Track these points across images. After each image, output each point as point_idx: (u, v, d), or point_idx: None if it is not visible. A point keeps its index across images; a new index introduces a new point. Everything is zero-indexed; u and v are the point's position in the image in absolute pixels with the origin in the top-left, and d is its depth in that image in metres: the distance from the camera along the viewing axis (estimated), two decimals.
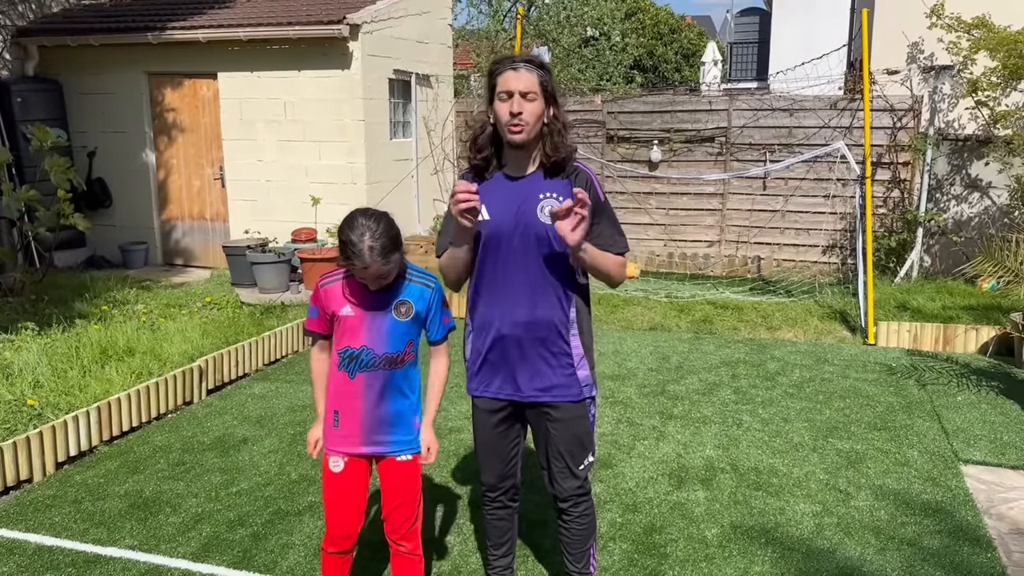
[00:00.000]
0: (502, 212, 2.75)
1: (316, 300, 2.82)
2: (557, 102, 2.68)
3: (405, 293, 2.77)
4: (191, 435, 5.07)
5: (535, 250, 2.72)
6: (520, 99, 2.65)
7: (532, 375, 2.80)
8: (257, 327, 7.14)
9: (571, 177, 2.72)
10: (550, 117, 2.67)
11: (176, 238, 10.20)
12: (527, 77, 2.64)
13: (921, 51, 9.38)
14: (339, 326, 2.76)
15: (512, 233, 2.73)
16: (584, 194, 2.47)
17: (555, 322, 2.77)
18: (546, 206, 2.70)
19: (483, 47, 13.39)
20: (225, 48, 9.30)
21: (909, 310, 7.74)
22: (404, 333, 2.77)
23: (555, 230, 2.68)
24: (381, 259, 2.57)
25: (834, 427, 5.12)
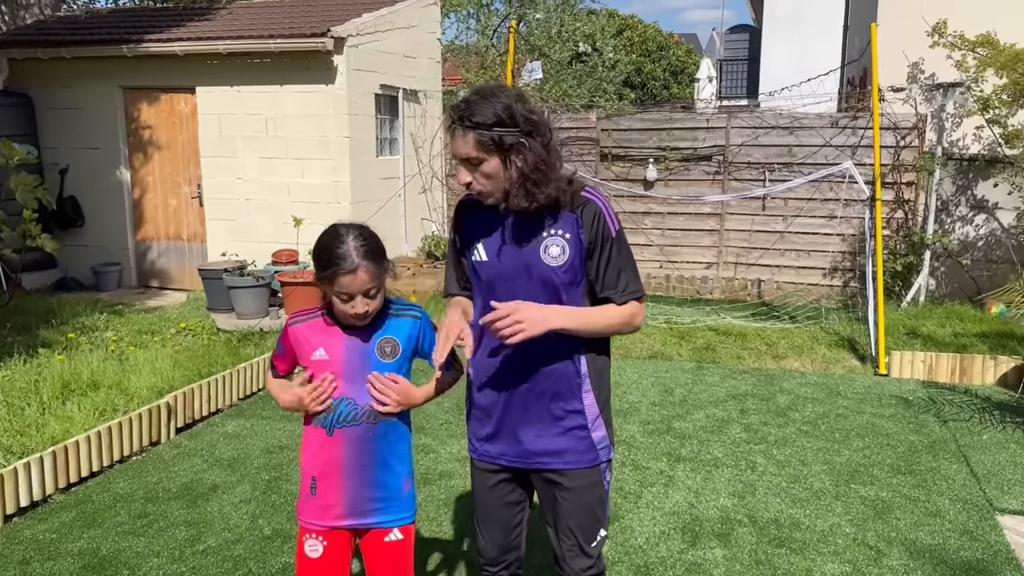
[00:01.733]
0: (503, 252, 2.37)
1: (284, 339, 2.45)
2: (524, 145, 2.21)
3: (389, 330, 2.39)
4: (156, 481, 4.63)
5: (541, 295, 2.34)
6: (465, 167, 2.28)
7: (540, 438, 2.41)
8: (233, 357, 6.71)
9: (578, 210, 2.33)
10: (513, 169, 2.23)
11: (151, 259, 9.76)
12: (461, 141, 2.24)
13: (922, 70, 9.09)
14: (313, 370, 2.37)
15: (514, 275, 2.35)
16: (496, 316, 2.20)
17: (564, 376, 2.38)
18: (551, 245, 2.32)
19: (472, 62, 13.06)
20: (204, 61, 8.90)
21: (920, 337, 7.40)
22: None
23: (562, 272, 2.31)
24: (370, 261, 2.24)
25: (855, 470, 4.74)
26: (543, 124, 2.28)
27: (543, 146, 2.26)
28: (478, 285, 2.44)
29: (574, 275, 2.34)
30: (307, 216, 8.56)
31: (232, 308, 7.92)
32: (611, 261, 2.35)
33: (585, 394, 2.41)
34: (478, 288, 2.45)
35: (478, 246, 2.41)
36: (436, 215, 10.41)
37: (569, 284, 2.34)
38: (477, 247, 2.41)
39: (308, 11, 9.58)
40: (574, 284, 2.35)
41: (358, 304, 2.27)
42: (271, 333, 7.54)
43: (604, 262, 2.34)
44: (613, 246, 2.35)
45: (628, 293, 2.37)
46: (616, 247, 2.36)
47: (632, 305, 2.39)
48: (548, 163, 2.25)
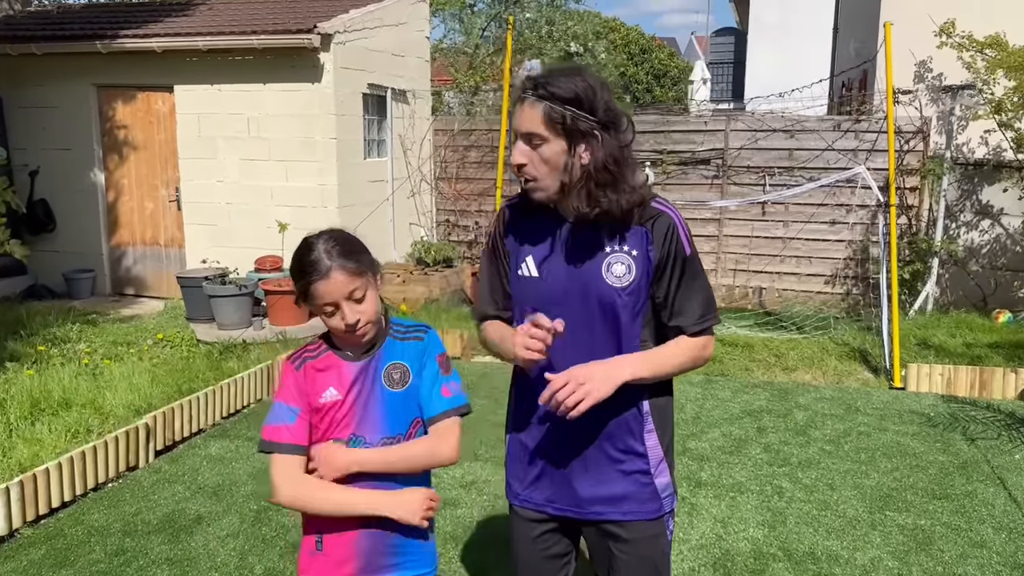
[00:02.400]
0: (554, 267, 2.03)
1: (289, 392, 2.01)
2: (597, 138, 1.89)
3: (395, 354, 2.05)
4: (135, 512, 4.23)
5: (599, 319, 2.00)
6: (523, 144, 1.94)
7: (595, 483, 2.07)
8: (214, 371, 6.32)
9: (647, 224, 2.00)
10: (578, 160, 1.91)
11: (127, 265, 9.31)
12: (528, 113, 1.91)
13: (930, 68, 8.87)
14: (318, 419, 2.01)
15: (567, 296, 2.01)
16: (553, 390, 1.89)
17: (624, 414, 2.05)
18: (615, 263, 1.98)
19: (461, 62, 12.71)
20: (182, 58, 8.49)
21: (932, 348, 7.14)
22: (403, 408, 2.03)
23: (626, 295, 1.97)
24: (344, 259, 1.93)
25: (888, 495, 4.43)
26: (625, 120, 1.95)
27: (619, 146, 1.93)
28: (520, 306, 2.10)
29: (638, 298, 2.00)
30: (292, 220, 8.19)
31: (213, 318, 7.51)
32: (684, 284, 2.02)
33: (647, 435, 2.08)
34: (519, 311, 2.11)
35: (526, 259, 2.06)
36: (425, 220, 10.05)
37: (631, 309, 2.00)
38: (525, 260, 2.07)
39: (293, 6, 9.19)
40: (636, 309, 2.01)
41: (347, 312, 1.93)
42: (254, 345, 7.15)
43: (675, 285, 2.01)
44: (687, 267, 2.02)
45: (702, 322, 2.04)
46: (690, 268, 2.03)
47: (704, 337, 2.06)
48: (621, 165, 1.92)
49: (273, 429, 2.00)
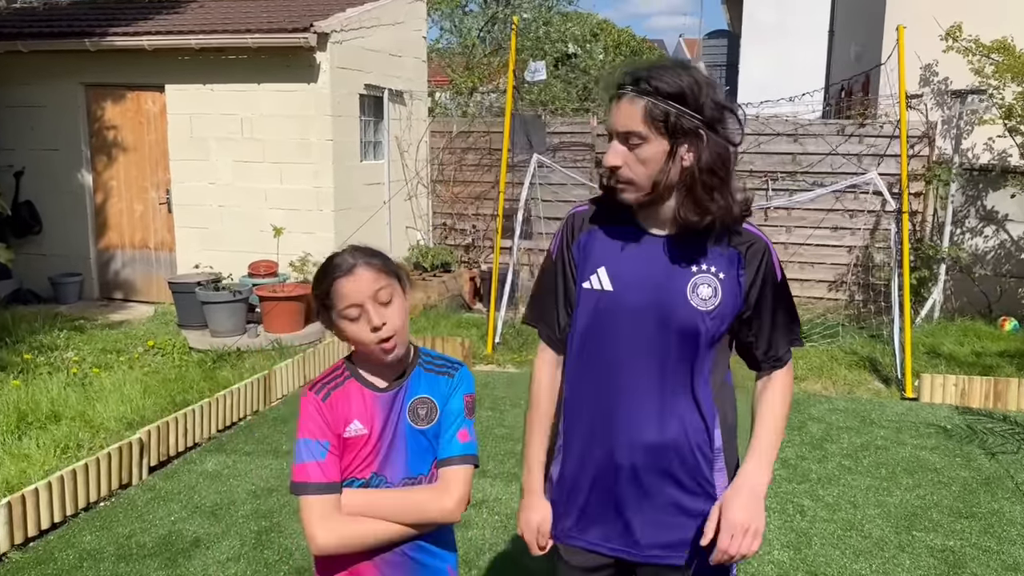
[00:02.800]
0: (632, 281, 1.85)
1: (316, 425, 1.81)
2: (702, 138, 1.74)
3: (421, 387, 1.87)
4: (128, 534, 4.03)
5: (675, 344, 1.83)
6: (618, 144, 1.77)
7: (656, 525, 1.89)
8: (209, 381, 6.11)
9: (741, 247, 1.84)
10: (679, 163, 1.75)
11: (115, 269, 9.07)
12: (626, 109, 1.75)
13: (935, 74, 8.76)
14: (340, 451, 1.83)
15: (643, 315, 1.83)
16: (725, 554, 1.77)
17: (693, 448, 1.87)
18: (701, 284, 1.82)
19: (457, 63, 12.52)
20: (174, 57, 8.27)
21: (942, 357, 7.02)
22: (427, 447, 1.86)
23: (710, 320, 1.80)
24: (371, 258, 1.80)
25: (913, 514, 4.28)
26: (734, 120, 1.79)
27: (727, 146, 1.77)
28: (583, 322, 1.91)
29: (720, 326, 1.84)
30: (286, 224, 7.98)
31: (205, 325, 7.29)
32: (776, 313, 1.88)
33: (717, 473, 1.90)
34: (582, 327, 1.92)
35: (597, 270, 1.88)
36: (422, 223, 9.85)
37: (713, 337, 1.84)
38: (596, 271, 1.88)
39: (288, 5, 8.98)
40: (716, 338, 1.85)
41: (373, 315, 1.75)
42: (249, 353, 6.93)
43: (768, 314, 1.88)
44: (779, 294, 1.88)
45: (788, 353, 1.93)
46: (783, 295, 1.89)
47: (790, 371, 1.95)
48: (728, 170, 1.77)
49: (302, 468, 1.81)
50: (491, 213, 9.74)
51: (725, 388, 1.94)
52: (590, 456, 1.92)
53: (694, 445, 1.87)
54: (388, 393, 1.85)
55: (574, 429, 1.95)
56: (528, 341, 7.29)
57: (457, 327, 7.82)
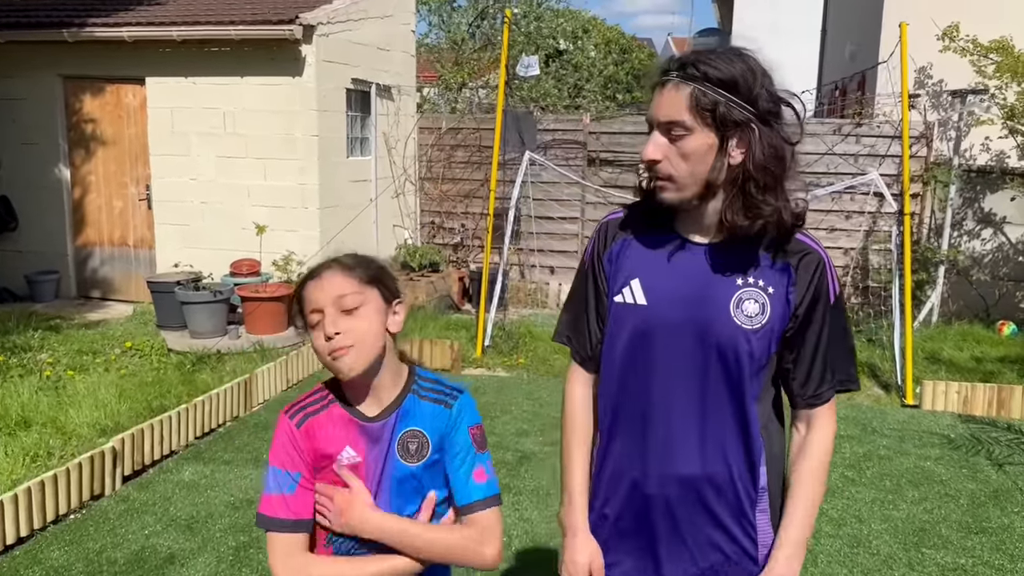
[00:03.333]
0: (668, 295, 1.66)
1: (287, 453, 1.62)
2: (755, 132, 1.55)
3: (413, 418, 1.64)
4: (99, 548, 3.80)
5: (717, 364, 1.64)
6: (659, 136, 1.57)
7: (690, 564, 1.71)
8: (187, 385, 5.88)
9: (792, 259, 1.64)
10: (736, 160, 1.57)
11: (93, 267, 8.81)
12: (670, 97, 1.55)
13: (930, 75, 8.62)
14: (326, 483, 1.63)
15: (680, 332, 1.64)
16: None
17: (735, 483, 1.68)
18: (746, 299, 1.62)
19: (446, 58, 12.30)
20: (155, 49, 8.01)
21: (941, 362, 6.87)
22: (417, 485, 1.64)
23: (756, 339, 1.60)
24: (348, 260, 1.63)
25: (921, 529, 4.12)
26: (792, 114, 1.60)
27: (784, 142, 1.57)
28: (615, 340, 1.72)
29: (767, 346, 1.64)
30: (270, 222, 7.75)
31: (185, 325, 7.05)
32: (825, 339, 1.67)
33: (760, 515, 1.71)
34: (613, 345, 1.73)
35: (630, 282, 1.69)
36: (410, 222, 9.64)
37: (759, 359, 1.64)
38: (629, 284, 1.69)
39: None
40: (762, 360, 1.65)
41: (327, 322, 1.55)
42: (229, 355, 6.71)
43: (814, 338, 1.66)
44: (832, 317, 1.66)
45: (843, 384, 1.72)
46: (837, 320, 1.67)
47: (832, 420, 1.74)
48: (785, 167, 1.57)
49: (269, 500, 1.61)
50: (480, 212, 9.54)
51: (773, 420, 1.75)
52: (621, 485, 1.73)
53: (737, 481, 1.67)
54: (376, 424, 1.62)
55: (606, 456, 1.76)
56: (519, 345, 7.10)
57: (445, 329, 7.62)
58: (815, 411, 1.71)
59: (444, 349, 6.58)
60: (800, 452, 1.72)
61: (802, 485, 1.70)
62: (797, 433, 1.75)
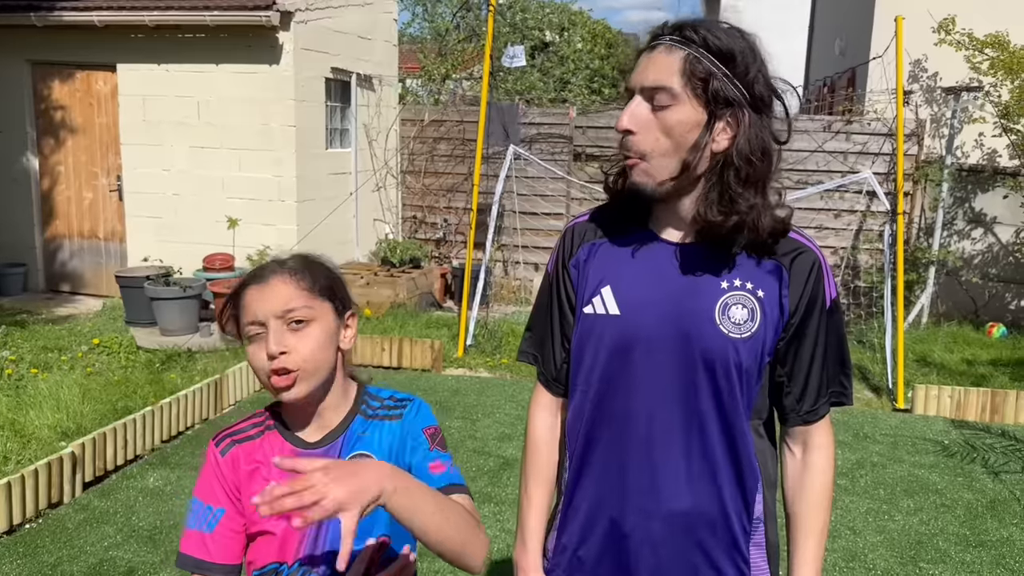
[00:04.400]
0: (644, 303, 1.46)
1: (209, 486, 1.40)
2: (743, 112, 1.37)
3: (361, 441, 1.43)
4: (55, 562, 3.58)
5: (704, 380, 1.44)
6: (641, 104, 1.37)
7: None
8: (155, 385, 5.64)
9: (784, 259, 1.45)
10: (720, 147, 1.38)
11: (62, 260, 8.53)
12: (660, 61, 1.36)
13: (924, 70, 8.49)
14: (252, 524, 1.41)
15: (659, 344, 1.45)
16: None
17: (728, 516, 1.49)
18: (732, 304, 1.42)
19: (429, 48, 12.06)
20: (126, 35, 7.74)
21: (932, 365, 6.74)
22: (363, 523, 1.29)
23: (744, 349, 1.41)
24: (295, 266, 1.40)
25: (917, 542, 3.96)
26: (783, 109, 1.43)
27: (772, 136, 1.40)
28: (591, 357, 1.51)
29: (757, 357, 1.45)
30: (245, 215, 7.51)
31: (155, 322, 6.80)
32: (821, 348, 1.48)
33: (753, 548, 1.52)
34: (584, 363, 1.53)
35: (600, 291, 1.49)
36: (390, 216, 9.41)
37: (749, 371, 1.44)
38: (599, 292, 1.49)
39: None
40: (755, 373, 1.46)
41: (271, 339, 1.33)
42: (201, 354, 6.46)
43: (809, 348, 1.48)
44: (829, 323, 1.48)
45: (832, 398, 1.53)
46: (833, 326, 1.48)
47: (831, 437, 1.56)
48: (770, 165, 1.39)
49: (188, 537, 1.40)
50: (463, 206, 9.33)
51: (767, 441, 1.57)
52: (597, 524, 1.53)
53: (731, 513, 1.49)
54: (318, 451, 1.41)
55: (579, 489, 1.56)
56: (502, 344, 6.90)
57: (426, 327, 7.40)
58: (811, 428, 1.53)
59: (425, 348, 6.37)
60: (800, 480, 1.54)
61: (810, 521, 1.53)
62: (791, 456, 1.56)
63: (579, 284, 1.54)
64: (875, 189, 6.59)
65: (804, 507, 1.53)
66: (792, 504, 1.54)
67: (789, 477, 1.56)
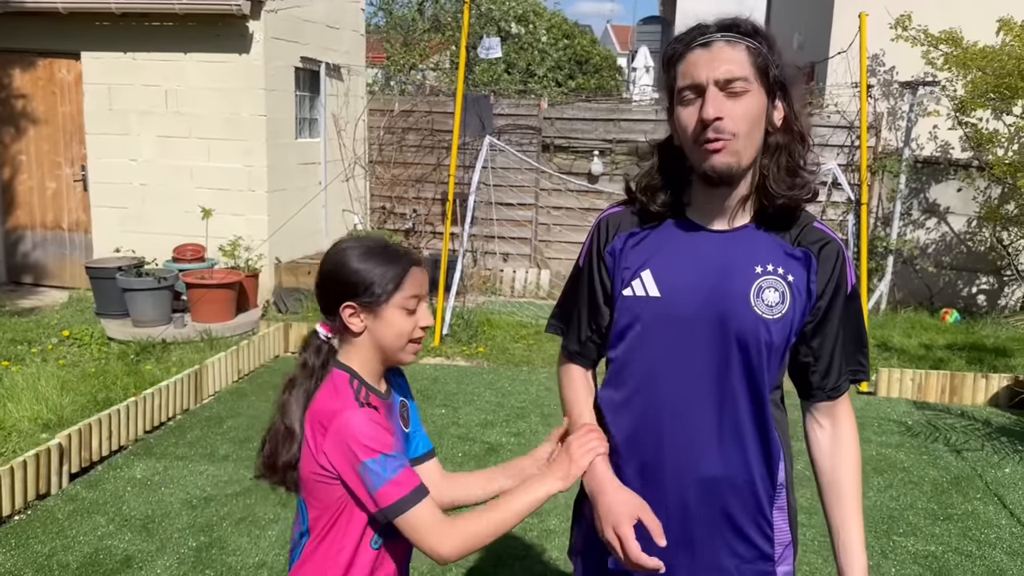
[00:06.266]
0: (684, 285, 1.57)
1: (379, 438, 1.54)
2: (789, 94, 1.52)
3: (401, 390, 1.79)
4: (48, 552, 3.58)
5: (737, 357, 1.56)
6: (718, 94, 1.47)
7: (704, 566, 1.62)
8: (134, 376, 5.62)
9: (813, 247, 1.58)
10: (778, 124, 1.52)
11: (24, 251, 8.38)
12: (729, 55, 1.47)
13: (882, 63, 8.74)
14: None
15: (697, 323, 1.56)
16: None
17: (755, 482, 1.61)
18: (766, 288, 1.54)
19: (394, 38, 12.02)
20: (91, 22, 7.61)
21: (893, 350, 6.99)
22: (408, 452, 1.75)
23: (776, 330, 1.53)
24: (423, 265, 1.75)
25: (889, 516, 4.15)
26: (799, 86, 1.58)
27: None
28: (626, 336, 1.62)
29: (786, 337, 1.57)
30: (214, 205, 7.45)
31: (126, 313, 6.73)
32: (843, 330, 1.61)
33: (777, 512, 1.64)
34: (624, 343, 1.63)
35: (643, 274, 1.59)
36: (359, 207, 9.40)
37: (778, 350, 1.57)
38: (639, 275, 1.60)
39: None
40: (782, 353, 1.58)
41: (426, 312, 1.68)
42: (175, 345, 6.43)
43: (833, 330, 1.60)
44: (850, 308, 1.61)
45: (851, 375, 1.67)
46: (854, 310, 1.62)
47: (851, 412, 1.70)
48: (806, 143, 1.57)
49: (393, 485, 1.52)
50: (432, 196, 9.37)
51: (783, 412, 1.69)
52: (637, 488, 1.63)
53: (757, 479, 1.60)
54: (389, 400, 1.72)
55: (613, 460, 1.66)
56: (477, 333, 6.98)
57: None
58: (836, 404, 1.67)
59: None
60: (836, 450, 1.67)
61: (852, 486, 1.66)
62: (821, 430, 1.69)
63: (615, 270, 1.64)
64: (840, 180, 6.79)
65: (845, 474, 1.66)
66: (832, 473, 1.66)
67: (823, 449, 1.68)
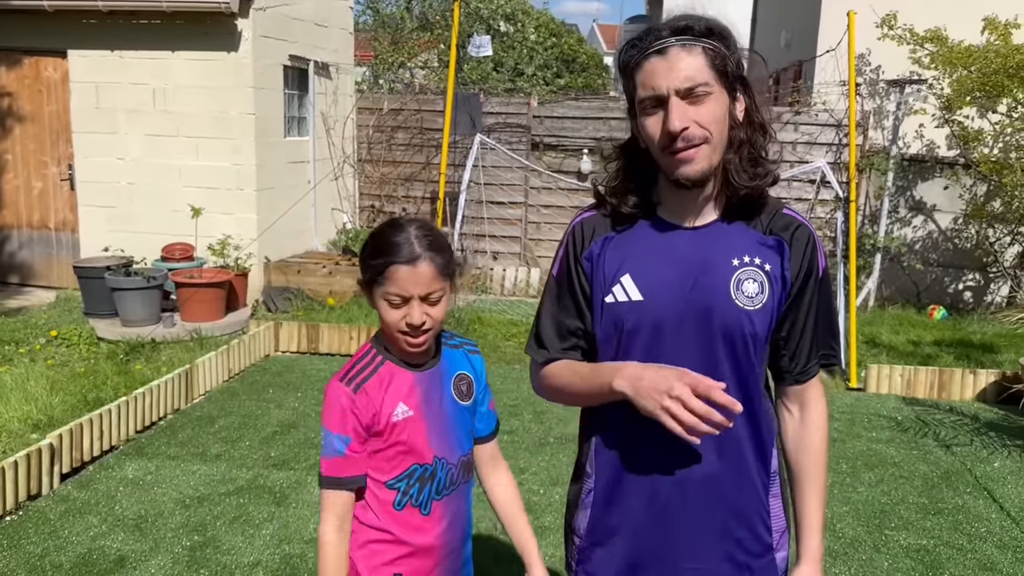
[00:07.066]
0: (664, 286, 1.57)
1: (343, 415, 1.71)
2: (748, 87, 1.53)
3: (458, 364, 1.86)
4: (41, 552, 3.56)
5: (724, 351, 1.57)
6: (680, 103, 1.46)
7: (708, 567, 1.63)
8: (123, 376, 5.59)
9: (785, 234, 1.58)
10: (738, 118, 1.53)
11: (10, 251, 8.31)
12: (687, 62, 1.46)
13: (868, 62, 8.80)
14: (388, 440, 1.73)
15: (682, 323, 1.56)
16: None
17: (751, 473, 1.62)
18: (744, 279, 1.55)
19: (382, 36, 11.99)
20: (78, 20, 7.56)
21: (881, 346, 7.04)
22: (469, 423, 1.87)
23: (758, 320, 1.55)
24: (435, 254, 1.70)
25: (881, 511, 4.18)
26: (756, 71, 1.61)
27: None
28: (619, 340, 1.61)
29: (768, 325, 1.59)
30: (203, 204, 7.39)
31: (115, 313, 6.69)
32: (814, 314, 1.62)
33: (773, 500, 1.66)
34: (610, 350, 1.63)
35: (620, 279, 1.59)
36: (348, 205, 9.38)
37: (761, 340, 1.59)
38: (619, 281, 1.59)
39: None
40: (763, 342, 1.60)
41: (415, 312, 1.67)
42: (165, 344, 6.40)
43: (804, 313, 1.62)
44: (822, 291, 1.63)
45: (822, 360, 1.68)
46: (825, 293, 1.64)
47: (823, 396, 1.72)
48: (767, 132, 1.58)
49: (331, 463, 1.73)
50: (422, 195, 9.36)
51: (768, 399, 1.71)
52: (633, 496, 1.64)
53: (752, 470, 1.62)
54: (426, 372, 1.79)
55: (610, 470, 1.66)
56: (468, 331, 6.98)
57: None
58: (805, 387, 1.68)
59: None
60: (800, 436, 1.69)
61: (812, 472, 1.68)
62: (789, 415, 1.71)
63: (594, 276, 1.63)
64: (829, 178, 6.82)
65: (807, 460, 1.67)
66: (795, 457, 1.68)
67: (789, 434, 1.70)
